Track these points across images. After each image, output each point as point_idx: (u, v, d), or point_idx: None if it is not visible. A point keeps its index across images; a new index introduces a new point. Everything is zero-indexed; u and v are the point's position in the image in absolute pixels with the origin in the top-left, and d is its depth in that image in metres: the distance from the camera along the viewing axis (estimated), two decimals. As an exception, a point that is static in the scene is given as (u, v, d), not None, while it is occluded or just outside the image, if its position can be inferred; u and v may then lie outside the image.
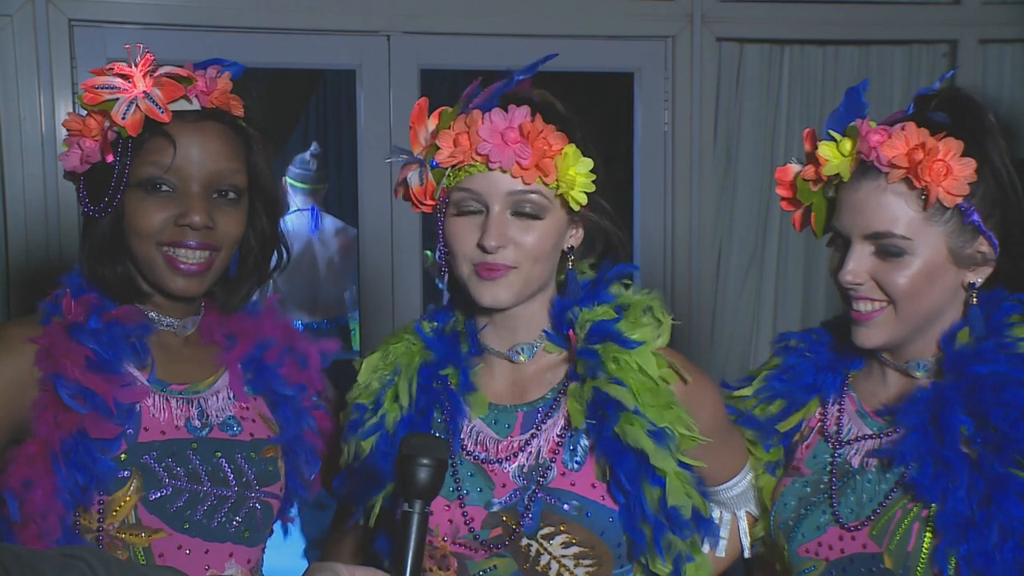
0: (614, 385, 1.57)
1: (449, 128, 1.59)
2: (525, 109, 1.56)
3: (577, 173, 1.57)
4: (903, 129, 1.52)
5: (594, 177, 1.59)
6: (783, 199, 1.70)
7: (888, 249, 1.54)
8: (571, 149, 1.57)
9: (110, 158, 1.58)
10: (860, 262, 1.56)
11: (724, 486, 1.75)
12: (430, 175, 1.61)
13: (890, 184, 1.53)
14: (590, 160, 1.59)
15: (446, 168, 1.60)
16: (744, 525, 1.81)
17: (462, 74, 3.78)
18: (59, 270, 1.68)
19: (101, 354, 1.57)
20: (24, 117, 3.15)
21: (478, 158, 1.56)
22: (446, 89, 1.81)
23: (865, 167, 1.55)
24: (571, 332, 1.64)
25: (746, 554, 1.83)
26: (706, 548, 1.71)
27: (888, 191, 1.53)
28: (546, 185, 1.57)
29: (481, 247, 1.57)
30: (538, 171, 1.55)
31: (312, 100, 6.95)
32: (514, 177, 1.56)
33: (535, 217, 1.58)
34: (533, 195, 1.57)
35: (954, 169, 1.50)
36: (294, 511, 1.85)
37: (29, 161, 3.17)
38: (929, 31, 3.69)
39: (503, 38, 3.45)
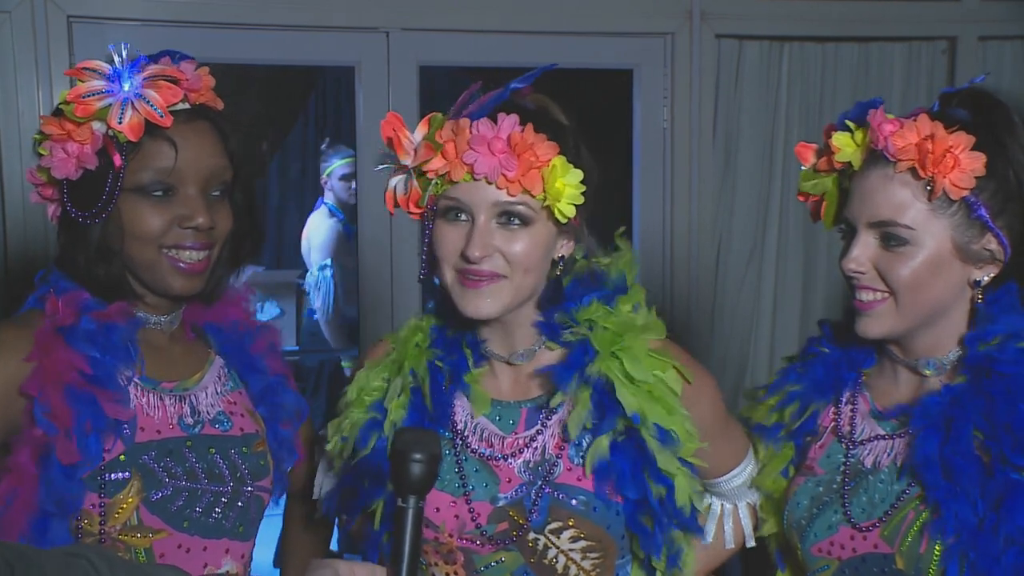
0: (619, 386, 1.58)
1: (436, 136, 1.57)
2: (514, 118, 1.54)
3: (565, 185, 1.54)
4: (915, 120, 1.52)
5: (583, 188, 1.56)
6: (801, 191, 1.71)
7: (891, 238, 1.54)
8: (559, 161, 1.54)
9: (118, 161, 1.54)
10: (863, 250, 1.56)
11: (725, 477, 1.76)
12: (415, 182, 1.60)
13: (897, 173, 1.53)
14: (580, 171, 1.56)
15: (432, 177, 1.58)
16: (746, 516, 1.81)
17: (461, 71, 3.79)
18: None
19: (98, 361, 1.54)
20: (23, 114, 3.14)
21: (464, 167, 1.54)
22: (445, 86, 1.80)
23: (875, 156, 1.55)
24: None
25: (750, 543, 1.83)
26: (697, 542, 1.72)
27: (895, 180, 1.53)
28: (532, 197, 1.55)
29: (464, 256, 1.56)
30: (524, 183, 1.53)
31: (312, 97, 6.94)
32: (499, 188, 1.54)
33: (521, 227, 1.57)
34: (519, 206, 1.55)
35: (962, 162, 1.49)
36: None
37: (28, 158, 3.15)
38: (928, 28, 3.69)
39: (502, 35, 3.44)
